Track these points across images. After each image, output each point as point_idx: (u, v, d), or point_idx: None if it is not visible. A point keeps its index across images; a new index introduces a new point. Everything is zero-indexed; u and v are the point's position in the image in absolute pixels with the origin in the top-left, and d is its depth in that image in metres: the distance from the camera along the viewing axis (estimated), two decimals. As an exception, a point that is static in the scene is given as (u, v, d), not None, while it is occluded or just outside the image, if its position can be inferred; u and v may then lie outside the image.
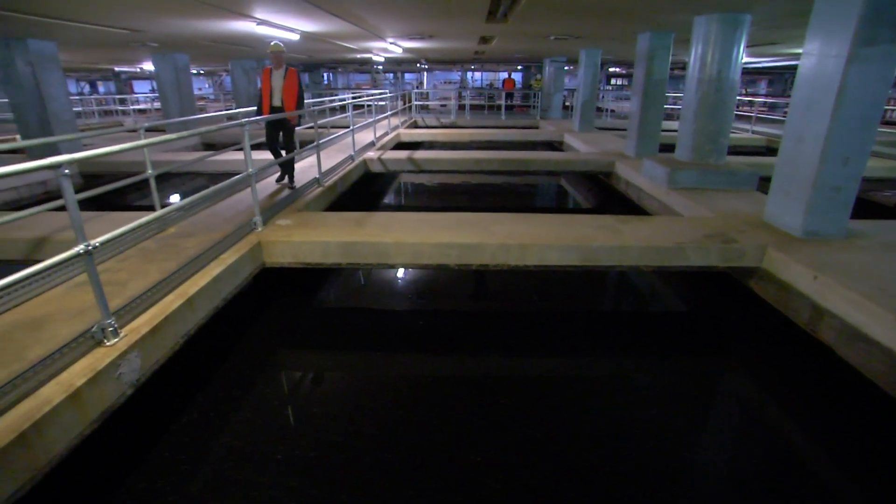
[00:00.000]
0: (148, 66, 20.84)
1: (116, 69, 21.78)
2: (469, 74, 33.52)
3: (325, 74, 30.63)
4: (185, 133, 3.48)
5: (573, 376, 3.64)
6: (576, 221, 4.84)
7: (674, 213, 6.11)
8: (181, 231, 4.39)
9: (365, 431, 3.05)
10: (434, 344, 4.04)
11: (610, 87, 30.90)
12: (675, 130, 12.32)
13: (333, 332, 4.23)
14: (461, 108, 19.26)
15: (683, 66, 20.10)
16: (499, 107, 18.40)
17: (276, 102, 5.60)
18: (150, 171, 4.41)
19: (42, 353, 2.51)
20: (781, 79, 25.74)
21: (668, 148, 10.10)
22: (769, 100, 21.56)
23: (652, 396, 3.42)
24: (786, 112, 18.64)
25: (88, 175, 9.13)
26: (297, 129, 5.88)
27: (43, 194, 8.08)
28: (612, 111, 20.41)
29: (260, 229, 4.50)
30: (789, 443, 3.04)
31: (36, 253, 4.70)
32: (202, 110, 21.91)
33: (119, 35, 9.00)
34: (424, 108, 20.78)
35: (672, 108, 17.52)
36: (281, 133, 5.81)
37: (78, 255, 2.45)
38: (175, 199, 8.96)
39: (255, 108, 6.48)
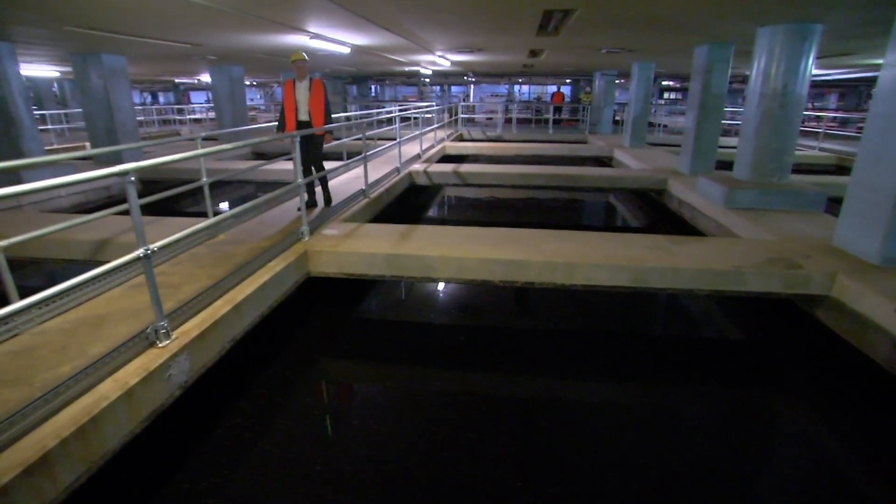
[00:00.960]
0: (205, 77, 22.10)
1: (176, 80, 23.18)
2: (516, 87, 33.63)
3: (373, 86, 31.48)
4: (240, 143, 3.65)
5: (618, 402, 3.52)
6: (625, 240, 4.72)
7: (731, 234, 5.86)
8: (231, 238, 4.59)
9: (402, 448, 3.05)
10: (475, 361, 4.01)
11: (663, 102, 30.20)
12: (733, 147, 11.87)
13: (375, 344, 4.27)
14: (508, 121, 19.30)
15: (743, 80, 19.36)
16: (546, 121, 18.33)
17: (303, 117, 5.31)
18: (204, 179, 4.64)
19: (102, 351, 2.66)
20: (855, 92, 24.36)
21: (724, 166, 9.70)
22: (840, 115, 20.42)
23: (703, 428, 3.25)
24: (860, 128, 17.60)
25: (147, 181, 9.73)
26: (325, 145, 5.60)
27: (106, 198, 8.66)
28: (665, 126, 19.90)
29: (306, 239, 4.63)
30: (860, 494, 2.81)
31: (98, 254, 5.03)
32: (253, 120, 22.94)
33: (181, 49, 9.59)
34: (470, 121, 20.95)
35: (729, 124, 16.90)
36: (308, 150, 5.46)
37: (138, 258, 2.60)
38: (225, 206, 9.37)
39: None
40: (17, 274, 2.98)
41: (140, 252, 2.60)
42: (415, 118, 16.29)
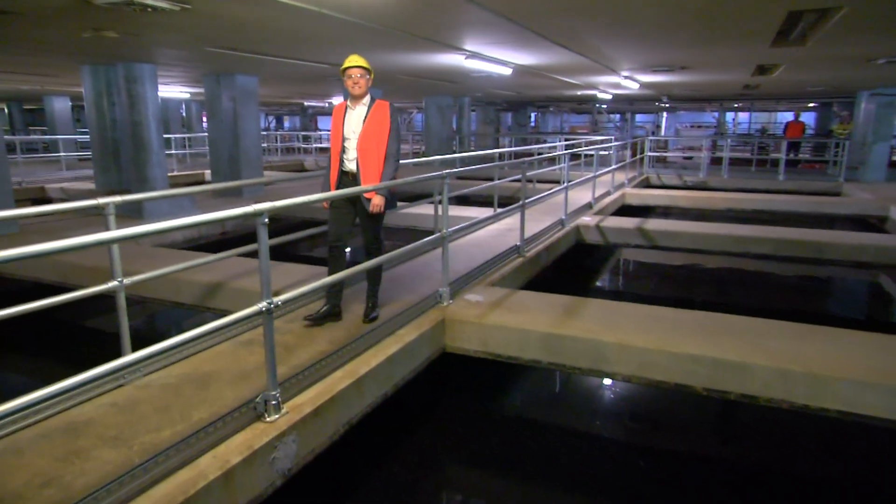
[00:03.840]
0: (337, 100, 24.95)
1: (305, 103, 26.49)
2: (729, 116, 32.29)
3: (533, 114, 32.67)
4: (381, 185, 3.98)
5: None
6: (914, 349, 4.09)
7: None
8: (355, 295, 4.92)
9: None
10: (657, 501, 3.72)
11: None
12: None
13: (518, 453, 4.20)
14: (715, 161, 18.46)
15: None
16: (776, 162, 17.14)
17: (349, 164, 4.16)
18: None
19: (205, 417, 2.98)
20: None
21: None
22: None
23: None
24: None
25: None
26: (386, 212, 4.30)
27: (220, 234, 9.98)
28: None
29: (445, 304, 4.81)
30: None
31: (208, 299, 5.75)
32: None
33: (319, 69, 10.98)
34: (661, 160, 20.49)
35: None
36: (357, 219, 4.29)
37: (260, 311, 2.91)
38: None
39: (450, 153, 6.48)
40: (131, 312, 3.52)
41: (262, 305, 2.91)
42: (586, 156, 16.40)
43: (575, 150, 9.27)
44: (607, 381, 5.42)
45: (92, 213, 3.49)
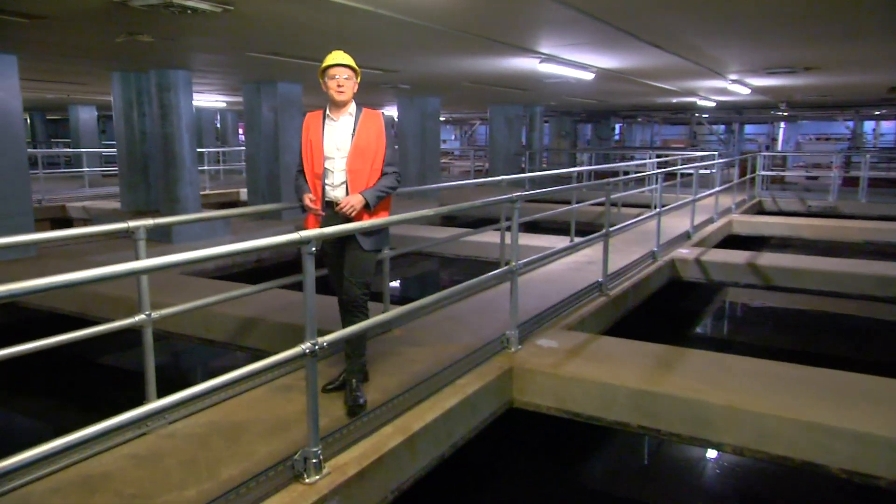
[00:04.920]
0: (388, 110, 25.51)
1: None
2: (868, 125, 31.17)
3: (618, 126, 32.52)
4: (442, 209, 4.04)
5: None
6: None
7: None
8: (409, 336, 4.96)
9: None
10: None
11: None
12: None
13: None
14: (849, 181, 17.80)
15: None
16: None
17: (334, 192, 3.83)
18: (385, 252, 5.18)
19: (235, 476, 3.04)
20: None
21: None
22: None
23: None
24: None
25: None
26: (380, 252, 4.31)
27: (254, 262, 10.29)
28: None
29: (514, 349, 4.78)
30: None
31: (241, 336, 5.91)
32: (445, 171, 25.41)
33: (370, 76, 11.29)
34: (778, 180, 19.94)
35: None
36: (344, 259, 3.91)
37: (302, 354, 2.96)
38: (395, 284, 10.34)
39: (517, 172, 6.23)
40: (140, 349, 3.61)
41: (306, 347, 2.96)
42: (682, 176, 16.13)
43: (669, 168, 9.14)
44: (712, 453, 5.27)
45: (117, 234, 3.64)
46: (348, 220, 3.71)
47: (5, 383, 6.81)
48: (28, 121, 29.27)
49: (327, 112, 3.90)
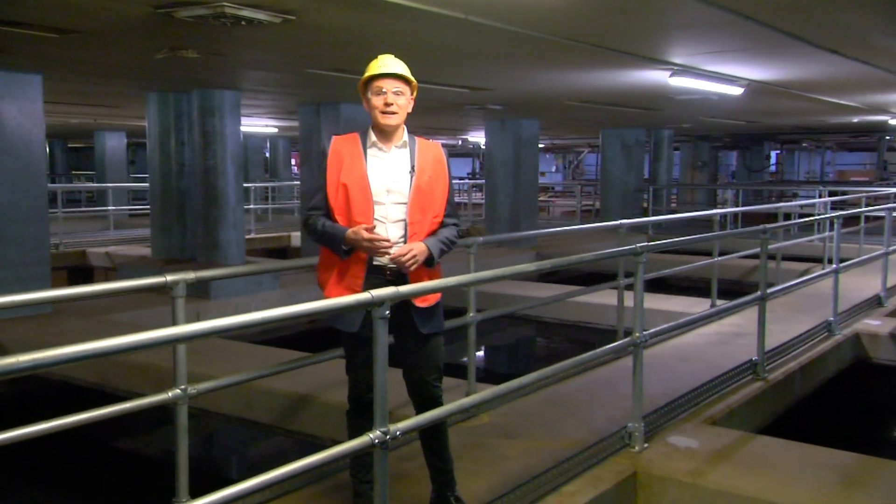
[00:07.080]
0: (475, 136, 25.70)
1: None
2: None
3: (773, 153, 31.87)
4: (545, 263, 4.02)
5: None
6: None
7: None
8: (500, 424, 4.91)
9: None
10: None
11: None
12: None
13: None
14: None
15: None
16: None
17: (385, 253, 3.44)
18: (471, 315, 5.20)
19: None
20: None
21: None
22: None
23: None
24: None
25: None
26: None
27: (308, 324, 10.46)
28: None
29: (637, 448, 4.64)
30: None
31: (290, 419, 5.96)
32: (543, 210, 25.25)
33: (455, 96, 11.51)
34: None
35: None
36: (407, 338, 3.63)
37: (371, 444, 2.94)
38: (480, 354, 10.29)
39: (638, 212, 5.88)
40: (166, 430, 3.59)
41: (375, 436, 2.92)
42: (868, 219, 15.58)
43: (850, 209, 8.84)
44: None
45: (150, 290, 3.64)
46: (397, 282, 3.31)
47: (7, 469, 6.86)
48: (47, 150, 30.85)
49: (372, 139, 3.62)
